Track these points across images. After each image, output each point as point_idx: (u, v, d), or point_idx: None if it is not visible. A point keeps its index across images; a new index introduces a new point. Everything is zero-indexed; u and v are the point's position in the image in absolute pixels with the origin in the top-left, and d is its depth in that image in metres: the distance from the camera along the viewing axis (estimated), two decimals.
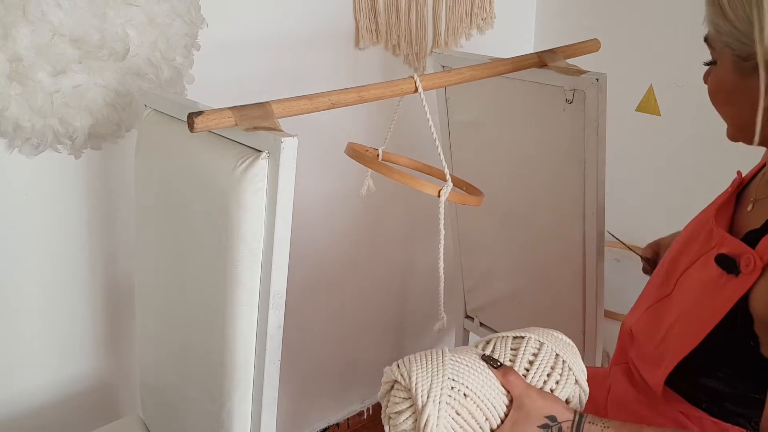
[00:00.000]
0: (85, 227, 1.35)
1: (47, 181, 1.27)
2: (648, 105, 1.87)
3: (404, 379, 0.84)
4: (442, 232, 1.05)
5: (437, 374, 0.83)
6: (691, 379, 0.91)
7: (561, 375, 0.87)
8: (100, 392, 1.46)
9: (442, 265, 1.07)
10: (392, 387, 0.86)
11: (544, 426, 0.84)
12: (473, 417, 0.83)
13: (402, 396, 0.84)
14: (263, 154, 0.88)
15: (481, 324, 1.84)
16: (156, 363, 1.26)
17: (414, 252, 2.01)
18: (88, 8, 1.11)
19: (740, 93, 0.80)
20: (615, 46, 1.76)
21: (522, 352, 0.88)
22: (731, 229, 0.94)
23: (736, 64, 0.78)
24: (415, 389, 0.82)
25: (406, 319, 2.08)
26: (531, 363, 0.87)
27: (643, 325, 1.01)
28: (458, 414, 0.83)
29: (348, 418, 2.03)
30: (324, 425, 1.98)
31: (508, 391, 0.86)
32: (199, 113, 0.88)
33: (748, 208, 0.92)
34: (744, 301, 0.83)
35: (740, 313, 0.83)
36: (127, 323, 1.44)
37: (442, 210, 1.04)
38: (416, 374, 0.83)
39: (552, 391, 0.87)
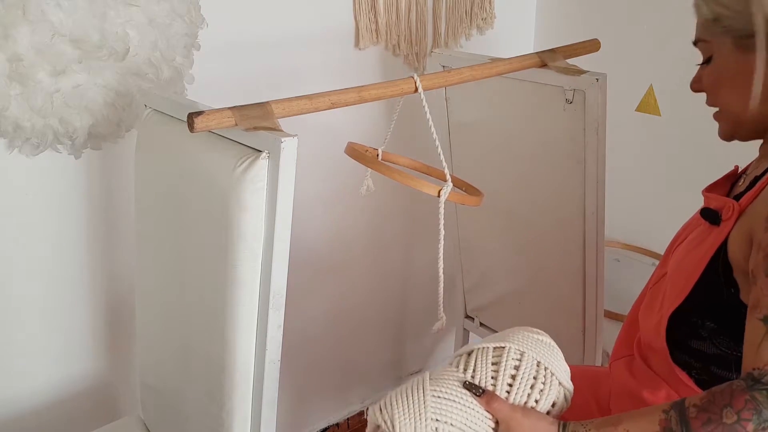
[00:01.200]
0: (85, 227, 1.35)
1: (47, 181, 1.27)
2: (648, 105, 1.87)
3: (388, 427, 0.84)
4: (442, 232, 1.05)
5: (420, 416, 0.84)
6: (682, 343, 0.95)
7: (544, 384, 0.88)
8: (100, 392, 1.46)
9: (442, 265, 1.07)
10: (377, 428, 0.87)
11: None
12: None
13: None
14: (263, 154, 0.88)
15: (481, 324, 1.84)
16: (156, 363, 1.26)
17: (414, 252, 2.01)
18: (88, 8, 1.11)
19: (744, 72, 0.85)
20: (615, 46, 1.76)
21: (503, 366, 0.87)
22: None
23: (738, 44, 0.85)
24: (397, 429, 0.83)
25: (406, 319, 2.08)
26: (513, 377, 0.87)
27: (645, 305, 1.04)
28: None
29: (348, 418, 2.03)
30: (324, 425, 1.98)
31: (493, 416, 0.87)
32: (199, 113, 0.88)
33: (740, 182, 0.98)
34: (724, 250, 0.88)
35: (720, 262, 0.88)
36: (127, 323, 1.44)
37: (442, 210, 1.04)
38: (399, 420, 0.84)
39: (537, 402, 0.88)
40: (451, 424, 0.84)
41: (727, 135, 0.94)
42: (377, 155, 1.22)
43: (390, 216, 1.90)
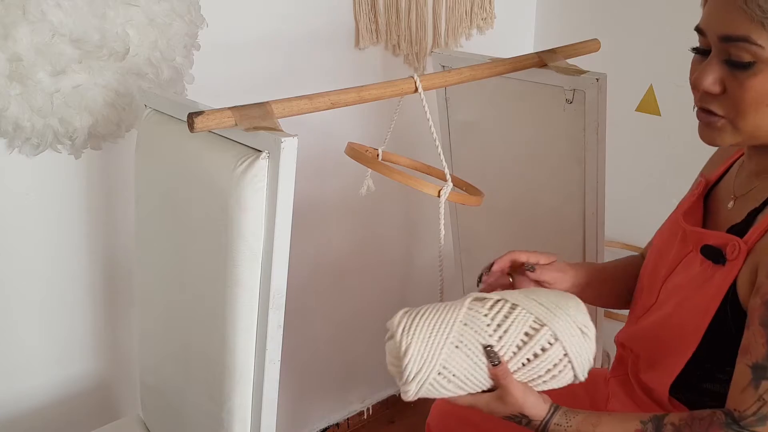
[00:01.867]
0: (85, 227, 1.35)
1: (47, 181, 1.27)
2: (648, 105, 1.87)
3: (400, 348, 0.87)
4: (442, 232, 1.05)
5: (430, 359, 0.85)
6: (695, 386, 0.91)
7: (560, 372, 0.87)
8: (100, 392, 1.46)
9: (442, 265, 1.07)
10: (391, 338, 0.90)
11: (512, 417, 0.87)
12: (449, 390, 0.87)
13: (393, 358, 0.89)
14: (263, 154, 0.88)
15: None
16: (156, 363, 1.26)
17: (414, 252, 2.01)
18: (88, 8, 1.11)
19: None
20: (615, 46, 1.76)
21: (532, 344, 0.86)
22: (707, 227, 0.94)
23: None
24: (405, 365, 0.86)
25: None
26: (536, 356, 0.86)
27: (636, 337, 1.01)
28: (435, 387, 0.86)
29: (348, 418, 2.03)
30: (324, 425, 1.98)
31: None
32: (199, 113, 0.88)
33: (729, 205, 0.92)
34: (734, 293, 0.83)
35: (731, 306, 0.84)
36: (127, 323, 1.44)
37: (442, 210, 1.04)
38: (411, 351, 0.86)
39: (544, 383, 0.88)
40: (454, 375, 0.86)
41: (724, 144, 0.85)
42: (377, 155, 1.22)
43: (390, 216, 1.90)
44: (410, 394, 0.86)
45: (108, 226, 1.37)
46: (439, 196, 1.02)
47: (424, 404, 2.07)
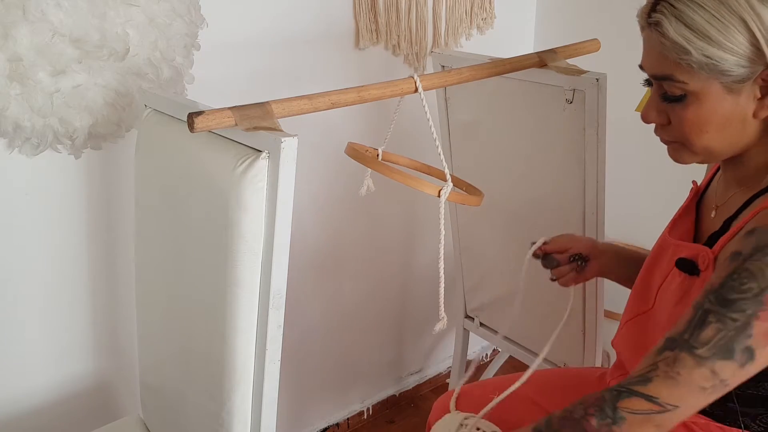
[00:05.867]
0: (85, 227, 1.35)
1: (47, 181, 1.27)
2: None
3: None
4: (443, 232, 1.05)
5: None
6: None
7: None
8: (100, 392, 1.46)
9: (442, 265, 1.07)
10: None
11: None
12: None
13: None
14: (263, 154, 0.88)
15: (481, 324, 1.84)
16: (156, 363, 1.26)
17: (414, 252, 2.01)
18: (88, 8, 1.11)
19: (735, 114, 0.83)
20: (615, 46, 1.76)
21: None
22: (696, 236, 0.97)
23: (730, 88, 0.81)
24: None
25: (406, 319, 2.08)
26: None
27: (627, 340, 1.03)
28: None
29: (348, 418, 2.03)
30: (324, 425, 1.98)
31: None
32: (199, 113, 0.88)
33: (712, 215, 0.95)
34: None
35: None
36: (127, 323, 1.44)
37: (442, 210, 1.04)
38: None
39: None
40: None
41: (688, 163, 0.90)
42: (377, 155, 1.22)
43: (390, 216, 1.90)
44: None
45: (108, 226, 1.37)
46: (439, 196, 1.02)
47: (424, 404, 2.07)
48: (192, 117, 0.87)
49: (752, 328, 0.74)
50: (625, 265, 1.17)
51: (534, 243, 1.20)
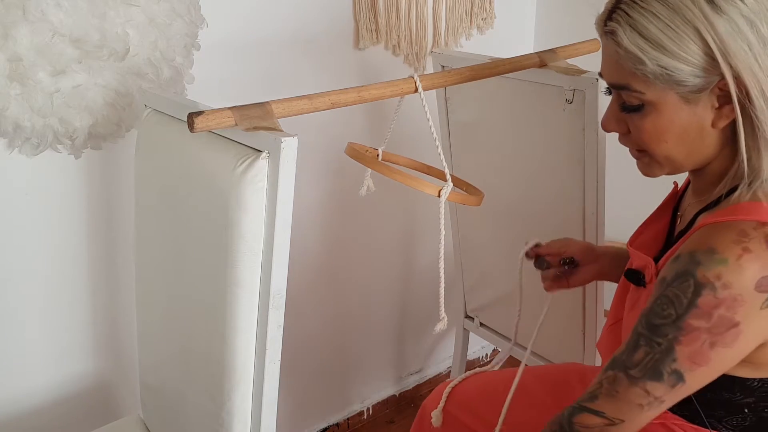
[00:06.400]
0: (85, 227, 1.35)
1: (47, 181, 1.27)
2: None
3: None
4: (443, 232, 1.05)
5: None
6: None
7: None
8: (100, 392, 1.46)
9: (442, 265, 1.07)
10: None
11: None
12: None
13: None
14: (263, 154, 0.88)
15: (481, 324, 1.84)
16: (156, 363, 1.26)
17: (414, 252, 2.01)
18: (88, 8, 1.11)
19: (693, 124, 0.82)
20: None
21: None
22: (668, 240, 0.96)
23: (687, 98, 0.80)
24: None
25: (406, 319, 2.08)
26: None
27: (607, 344, 1.04)
28: None
29: (348, 418, 2.03)
30: (324, 425, 1.98)
31: None
32: (199, 113, 0.88)
33: (678, 223, 0.96)
34: None
35: None
36: (127, 323, 1.44)
37: (442, 210, 1.04)
38: None
39: None
40: None
41: (657, 176, 0.90)
42: (377, 155, 1.22)
43: (390, 216, 1.90)
44: None
45: (108, 225, 1.37)
46: (439, 196, 1.02)
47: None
48: (192, 117, 0.87)
49: (675, 352, 0.77)
50: (625, 266, 1.17)
51: (527, 243, 1.20)
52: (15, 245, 1.27)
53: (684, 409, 0.90)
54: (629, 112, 0.84)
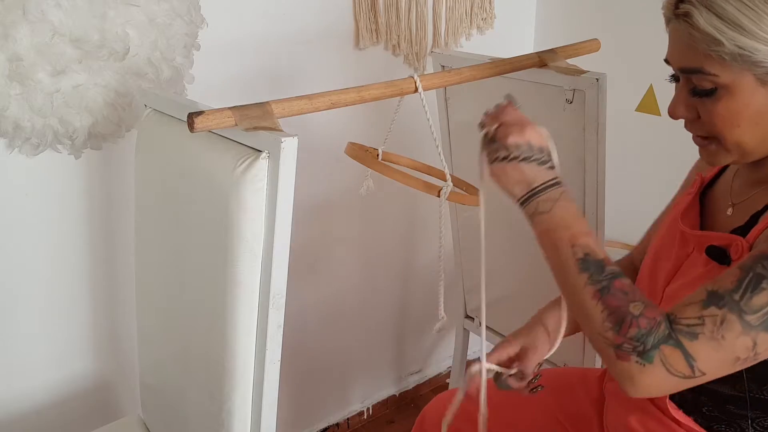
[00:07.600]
0: (85, 227, 1.35)
1: (47, 181, 1.27)
2: (648, 105, 1.87)
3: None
4: (442, 232, 1.05)
5: None
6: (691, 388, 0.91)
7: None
8: (100, 392, 1.46)
9: (442, 265, 1.07)
10: None
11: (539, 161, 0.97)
12: None
13: None
14: (263, 154, 0.88)
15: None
16: (156, 363, 1.26)
17: (414, 252, 2.01)
18: (88, 8, 1.11)
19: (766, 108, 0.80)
20: (615, 46, 1.76)
21: None
22: (704, 229, 0.94)
23: (764, 80, 0.78)
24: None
25: (406, 319, 2.08)
26: None
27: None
28: None
29: (348, 418, 2.03)
30: (324, 425, 1.98)
31: None
32: (199, 113, 0.88)
33: (728, 212, 0.93)
34: None
35: None
36: (127, 323, 1.44)
37: (442, 210, 1.04)
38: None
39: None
40: None
41: (722, 164, 0.88)
42: (377, 155, 1.22)
43: (390, 216, 1.90)
44: None
45: (108, 226, 1.37)
46: (439, 196, 1.02)
47: (424, 404, 2.06)
48: (192, 117, 0.87)
49: None
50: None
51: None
52: (15, 245, 1.27)
53: (716, 409, 0.88)
54: (701, 96, 0.82)
